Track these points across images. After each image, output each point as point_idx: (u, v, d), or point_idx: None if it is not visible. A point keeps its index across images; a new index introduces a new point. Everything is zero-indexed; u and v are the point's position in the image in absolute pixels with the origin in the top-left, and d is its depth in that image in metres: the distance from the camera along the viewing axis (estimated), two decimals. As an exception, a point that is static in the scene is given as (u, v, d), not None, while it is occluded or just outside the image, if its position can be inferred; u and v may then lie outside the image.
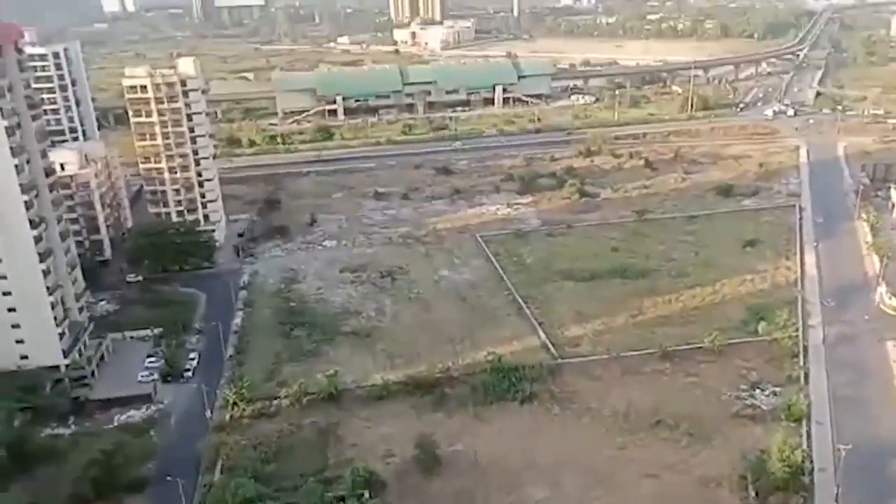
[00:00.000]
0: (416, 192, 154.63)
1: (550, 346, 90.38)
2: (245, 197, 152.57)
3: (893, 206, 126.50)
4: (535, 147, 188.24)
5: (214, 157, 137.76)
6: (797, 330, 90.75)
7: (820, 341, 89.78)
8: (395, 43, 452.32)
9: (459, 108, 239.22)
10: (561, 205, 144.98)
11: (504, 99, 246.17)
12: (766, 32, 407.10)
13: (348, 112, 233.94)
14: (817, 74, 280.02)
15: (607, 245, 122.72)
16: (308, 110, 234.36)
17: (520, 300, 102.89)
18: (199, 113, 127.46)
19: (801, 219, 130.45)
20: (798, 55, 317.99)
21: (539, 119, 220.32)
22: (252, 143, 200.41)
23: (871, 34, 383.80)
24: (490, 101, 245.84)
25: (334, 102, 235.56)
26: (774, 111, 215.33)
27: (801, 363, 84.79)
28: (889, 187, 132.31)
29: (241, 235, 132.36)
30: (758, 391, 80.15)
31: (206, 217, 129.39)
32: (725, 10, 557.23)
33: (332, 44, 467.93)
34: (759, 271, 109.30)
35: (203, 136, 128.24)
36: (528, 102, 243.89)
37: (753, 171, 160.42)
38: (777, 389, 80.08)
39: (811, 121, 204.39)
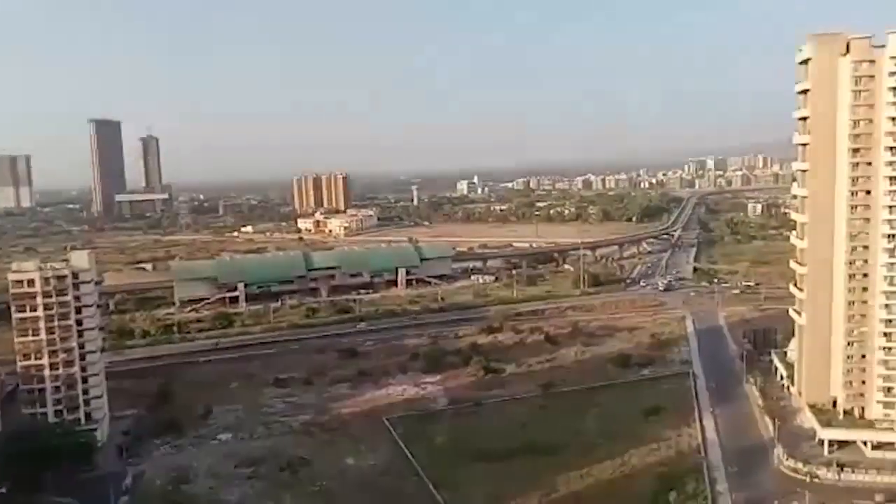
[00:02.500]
0: (320, 377, 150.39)
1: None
2: (133, 391, 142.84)
3: (776, 369, 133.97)
4: (439, 326, 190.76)
5: (103, 350, 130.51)
6: (706, 498, 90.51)
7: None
8: (300, 231, 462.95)
9: (363, 291, 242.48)
10: (467, 382, 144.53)
11: (407, 281, 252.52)
12: (643, 216, 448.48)
13: (250, 298, 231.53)
14: (692, 252, 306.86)
15: (516, 421, 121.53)
16: (208, 298, 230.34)
17: (430, 486, 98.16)
18: (90, 306, 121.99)
19: (695, 386, 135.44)
20: (672, 235, 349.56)
21: (442, 299, 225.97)
22: (146, 334, 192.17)
23: (733, 216, 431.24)
24: (393, 283, 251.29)
25: (235, 290, 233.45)
26: (650, 285, 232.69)
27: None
28: (770, 352, 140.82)
29: (126, 433, 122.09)
30: (677, 567, 77.47)
31: (87, 415, 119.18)
32: (605, 197, 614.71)
33: (235, 233, 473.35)
34: (663, 439, 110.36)
35: (91, 329, 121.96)
36: (430, 283, 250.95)
37: (647, 341, 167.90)
38: (696, 563, 77.75)
39: (692, 293, 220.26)
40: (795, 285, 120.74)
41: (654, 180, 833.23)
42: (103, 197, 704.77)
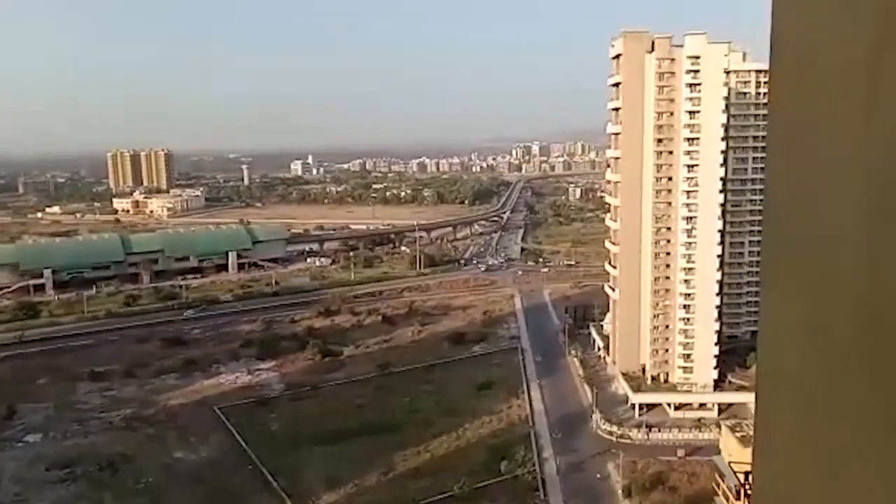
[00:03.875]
0: (143, 368, 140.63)
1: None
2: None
3: (594, 341, 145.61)
4: (274, 310, 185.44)
5: None
6: (534, 464, 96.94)
7: (555, 472, 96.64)
8: (116, 212, 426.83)
9: (191, 276, 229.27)
10: (304, 366, 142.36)
11: (239, 265, 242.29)
12: (475, 199, 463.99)
13: (59, 286, 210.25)
14: (519, 233, 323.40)
15: (354, 403, 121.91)
16: (8, 287, 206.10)
17: (266, 474, 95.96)
18: None
19: (523, 359, 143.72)
20: (502, 217, 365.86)
21: (277, 282, 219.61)
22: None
23: (556, 199, 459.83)
24: (224, 268, 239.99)
25: (42, 276, 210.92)
26: (481, 265, 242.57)
27: (542, 496, 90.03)
28: (588, 325, 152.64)
29: None
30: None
31: None
32: (440, 180, 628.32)
33: (39, 214, 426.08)
34: (495, 412, 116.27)
35: None
36: (264, 267, 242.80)
37: (479, 319, 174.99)
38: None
39: (520, 272, 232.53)
40: (610, 263, 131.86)
41: (484, 164, 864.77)
42: None
